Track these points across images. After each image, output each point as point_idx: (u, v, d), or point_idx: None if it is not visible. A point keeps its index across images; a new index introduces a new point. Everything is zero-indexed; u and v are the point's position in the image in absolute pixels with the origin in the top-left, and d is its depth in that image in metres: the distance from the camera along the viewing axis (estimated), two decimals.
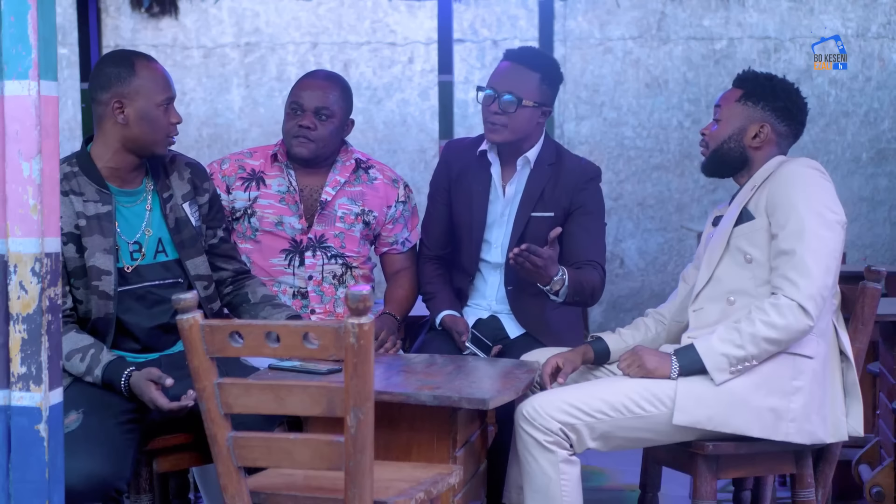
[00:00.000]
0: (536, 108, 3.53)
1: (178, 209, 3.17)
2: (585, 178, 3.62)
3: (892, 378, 3.93)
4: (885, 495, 3.90)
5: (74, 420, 2.82)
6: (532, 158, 3.60)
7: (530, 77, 3.52)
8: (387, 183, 3.74)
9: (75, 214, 3.02)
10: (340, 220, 3.64)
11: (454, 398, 2.81)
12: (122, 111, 3.04)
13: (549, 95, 3.58)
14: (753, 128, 3.17)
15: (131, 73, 3.04)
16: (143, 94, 3.04)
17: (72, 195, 3.03)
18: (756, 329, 2.96)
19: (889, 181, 7.27)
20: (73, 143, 7.13)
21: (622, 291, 7.25)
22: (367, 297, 2.29)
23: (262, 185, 3.65)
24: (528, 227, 3.57)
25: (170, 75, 3.13)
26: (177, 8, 7.41)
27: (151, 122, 3.05)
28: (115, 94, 3.04)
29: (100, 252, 3.02)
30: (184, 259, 3.15)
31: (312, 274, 3.63)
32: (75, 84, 6.37)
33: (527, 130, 3.56)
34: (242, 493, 2.46)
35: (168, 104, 3.08)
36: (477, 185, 3.64)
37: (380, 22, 7.35)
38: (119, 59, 3.09)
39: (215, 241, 3.27)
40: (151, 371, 2.90)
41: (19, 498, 2.17)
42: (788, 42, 7.21)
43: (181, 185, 3.20)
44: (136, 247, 3.09)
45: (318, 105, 3.59)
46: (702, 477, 3.07)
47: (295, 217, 3.62)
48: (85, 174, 3.07)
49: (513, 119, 3.51)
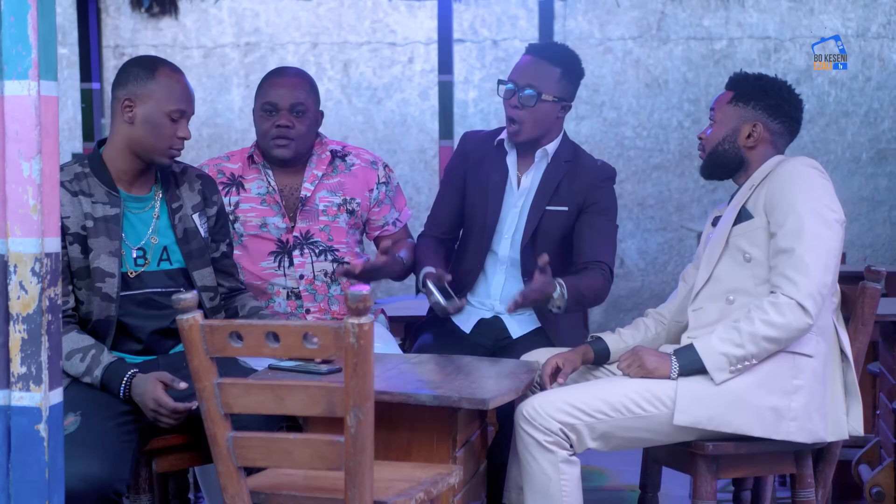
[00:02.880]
0: (556, 103, 3.55)
1: (188, 220, 3.17)
2: (602, 178, 3.63)
3: (892, 378, 3.93)
4: (885, 495, 3.91)
5: (73, 422, 2.81)
6: (551, 152, 3.61)
7: (551, 71, 3.54)
8: (365, 166, 3.73)
9: (83, 215, 3.02)
10: (323, 213, 3.64)
11: (454, 398, 2.81)
12: (131, 110, 3.05)
13: (569, 90, 3.59)
14: (746, 128, 3.18)
15: (150, 76, 3.06)
16: (155, 99, 3.05)
17: (81, 196, 3.03)
18: (755, 328, 2.96)
19: (889, 181, 7.27)
20: (73, 144, 7.13)
21: (622, 291, 7.25)
22: (367, 297, 2.29)
23: (242, 189, 3.65)
24: (543, 220, 3.58)
25: (193, 94, 3.13)
26: (177, 8, 7.42)
27: (156, 127, 3.05)
28: (128, 93, 3.06)
29: (105, 254, 3.02)
30: (191, 269, 3.16)
31: (303, 273, 3.63)
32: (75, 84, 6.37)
33: (546, 125, 3.57)
34: (242, 493, 2.46)
35: (179, 117, 3.07)
36: (494, 175, 3.64)
37: (380, 22, 7.35)
38: (144, 62, 3.12)
39: (217, 254, 3.27)
40: (164, 374, 2.90)
41: (19, 498, 2.17)
42: (788, 42, 7.21)
43: (192, 196, 3.21)
44: (139, 252, 3.09)
45: (292, 102, 3.58)
46: (702, 477, 3.07)
47: (278, 217, 3.62)
48: (95, 175, 3.07)
49: (532, 113, 3.53)
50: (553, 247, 3.58)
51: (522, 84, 3.53)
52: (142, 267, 3.09)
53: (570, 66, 3.59)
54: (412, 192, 7.06)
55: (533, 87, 3.52)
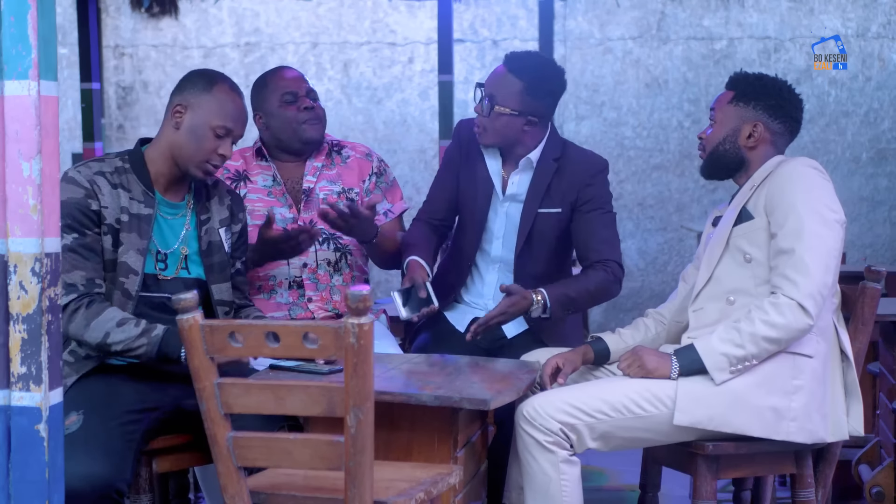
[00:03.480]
0: (516, 116, 3.51)
1: (214, 233, 3.19)
2: (591, 173, 3.60)
3: (892, 378, 3.93)
4: (885, 495, 3.90)
5: (75, 421, 2.82)
6: (535, 159, 3.60)
7: (512, 84, 3.50)
8: (360, 158, 3.79)
9: (119, 208, 3.04)
10: (324, 202, 3.66)
11: (455, 398, 2.81)
12: (181, 116, 3.08)
13: (532, 105, 3.51)
14: (747, 128, 3.18)
15: (208, 88, 3.09)
16: (204, 111, 3.07)
17: (120, 189, 3.05)
18: (756, 328, 2.96)
19: (889, 181, 7.28)
20: (73, 143, 7.13)
21: (622, 291, 7.21)
22: (367, 297, 2.29)
23: (248, 181, 3.71)
24: (536, 223, 3.57)
25: (246, 116, 3.15)
26: (177, 8, 7.42)
27: (198, 139, 3.06)
28: (183, 99, 3.09)
29: (133, 251, 3.03)
30: (210, 282, 3.16)
31: (306, 262, 3.65)
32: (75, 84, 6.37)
33: (508, 136, 3.54)
34: (242, 493, 2.46)
35: (224, 134, 3.08)
36: (483, 171, 3.64)
37: (380, 22, 7.35)
38: (207, 74, 3.16)
39: (232, 270, 3.27)
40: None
41: (19, 498, 2.17)
42: (788, 42, 7.21)
43: (220, 210, 3.22)
44: (161, 256, 3.10)
45: (307, 88, 3.71)
46: (702, 477, 3.07)
47: (285, 208, 3.67)
48: (135, 172, 3.09)
49: (490, 121, 3.52)
50: (549, 248, 3.58)
51: (486, 92, 3.53)
52: (161, 271, 3.09)
53: (537, 82, 3.50)
54: (412, 192, 7.06)
55: (491, 96, 3.50)
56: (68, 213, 2.96)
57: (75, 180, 3.01)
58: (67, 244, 2.96)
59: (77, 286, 2.96)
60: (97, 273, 2.99)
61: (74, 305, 2.94)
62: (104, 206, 3.01)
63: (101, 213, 3.00)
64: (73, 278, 2.96)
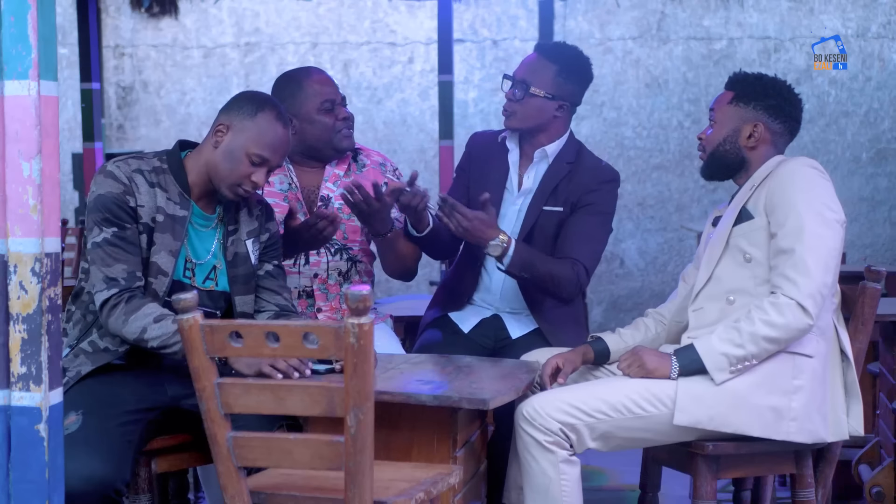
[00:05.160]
0: (550, 100, 3.58)
1: (241, 244, 3.16)
2: (600, 180, 3.63)
3: (892, 378, 3.93)
4: (885, 495, 3.90)
5: (74, 422, 2.81)
6: (551, 153, 3.63)
7: (546, 67, 3.59)
8: (374, 168, 3.76)
9: (156, 208, 3.01)
10: (339, 211, 3.64)
11: (455, 398, 2.81)
12: (222, 136, 3.03)
13: (565, 89, 3.60)
14: (747, 128, 3.18)
15: (253, 113, 3.04)
16: (245, 135, 3.02)
17: (157, 188, 3.03)
18: (756, 328, 2.96)
19: (889, 181, 7.28)
20: (73, 143, 7.13)
21: (622, 291, 7.25)
22: (366, 297, 2.29)
23: (266, 184, 3.66)
24: (539, 219, 3.59)
25: (287, 147, 3.09)
26: (177, 8, 7.42)
27: (233, 162, 3.02)
28: (227, 119, 3.05)
29: (165, 252, 3.01)
30: (234, 294, 3.13)
31: (317, 272, 3.63)
32: (75, 84, 6.38)
33: (538, 120, 3.60)
34: (242, 493, 2.46)
35: (260, 162, 3.03)
36: (495, 174, 3.67)
37: (380, 22, 7.36)
38: (256, 98, 3.09)
39: (261, 272, 3.22)
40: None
41: (19, 498, 2.18)
42: (788, 42, 7.21)
43: (249, 222, 3.18)
44: (190, 265, 3.08)
45: (342, 96, 3.67)
46: (702, 477, 3.07)
47: (300, 214, 3.62)
48: (172, 174, 3.06)
49: (522, 106, 3.58)
50: (548, 246, 3.59)
51: (518, 79, 3.61)
52: (189, 280, 3.07)
53: (570, 66, 3.61)
54: None
55: (525, 81, 3.58)
56: (106, 208, 2.94)
57: (114, 175, 2.98)
58: (107, 238, 2.93)
59: (118, 280, 2.92)
60: (137, 266, 2.95)
61: (115, 300, 2.90)
62: (140, 205, 2.98)
63: (138, 210, 2.97)
64: (115, 272, 2.92)
